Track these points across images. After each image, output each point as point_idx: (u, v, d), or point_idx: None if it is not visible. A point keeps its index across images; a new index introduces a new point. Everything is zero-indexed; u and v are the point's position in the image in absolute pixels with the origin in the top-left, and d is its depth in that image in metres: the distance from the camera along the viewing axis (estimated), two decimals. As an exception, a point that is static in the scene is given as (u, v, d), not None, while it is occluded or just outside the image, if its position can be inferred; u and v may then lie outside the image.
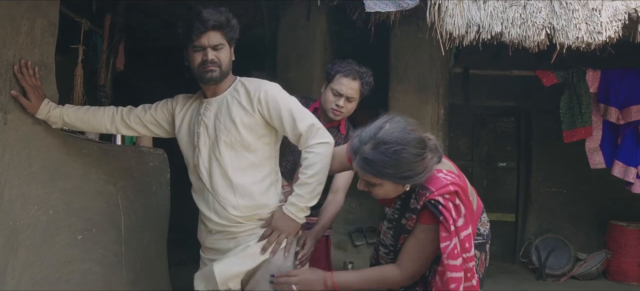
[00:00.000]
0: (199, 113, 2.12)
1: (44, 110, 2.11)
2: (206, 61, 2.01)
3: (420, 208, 1.81)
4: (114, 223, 2.55)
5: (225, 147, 2.04)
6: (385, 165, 1.75)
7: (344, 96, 2.55)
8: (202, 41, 2.01)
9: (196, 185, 2.16)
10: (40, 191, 2.14)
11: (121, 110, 2.22)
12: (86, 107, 2.22)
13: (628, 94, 4.34)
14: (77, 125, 2.20)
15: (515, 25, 3.21)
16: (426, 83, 4.18)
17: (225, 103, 2.09)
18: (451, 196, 1.78)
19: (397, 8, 2.94)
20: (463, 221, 1.76)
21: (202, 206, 2.13)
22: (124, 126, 2.22)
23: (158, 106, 2.23)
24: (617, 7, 3.18)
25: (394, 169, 1.75)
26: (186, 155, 2.18)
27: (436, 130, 4.28)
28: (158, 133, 2.27)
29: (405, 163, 1.75)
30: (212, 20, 1.98)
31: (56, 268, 2.22)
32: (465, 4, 3.22)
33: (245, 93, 2.08)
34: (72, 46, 3.05)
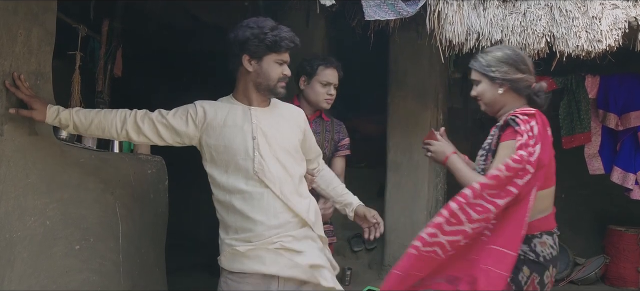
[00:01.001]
0: (250, 121, 2.12)
1: (52, 115, 2.02)
2: (286, 76, 2.15)
3: (503, 125, 2.09)
4: (112, 232, 2.54)
5: (289, 156, 2.15)
6: (484, 60, 2.20)
7: (332, 84, 2.76)
8: (286, 56, 2.13)
9: (251, 193, 2.07)
10: (37, 202, 2.12)
11: (135, 113, 2.12)
12: (96, 109, 2.14)
13: (627, 100, 4.34)
14: (87, 128, 2.09)
15: (515, 33, 3.20)
16: (425, 89, 4.17)
17: (276, 115, 2.19)
18: (529, 117, 2.03)
19: (396, 16, 2.94)
20: (534, 141, 1.98)
21: (257, 213, 2.07)
22: (135, 131, 2.10)
23: (177, 112, 2.14)
24: (617, 15, 3.16)
25: (490, 62, 2.17)
26: (229, 162, 2.10)
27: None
28: (169, 141, 2.16)
29: (505, 61, 2.16)
30: (297, 40, 2.14)
31: (53, 278, 2.20)
32: (465, 11, 3.21)
33: (290, 111, 2.28)
34: (69, 52, 3.03)
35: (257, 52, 2.06)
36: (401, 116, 4.17)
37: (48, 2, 2.17)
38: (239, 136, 2.09)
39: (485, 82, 2.19)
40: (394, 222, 4.20)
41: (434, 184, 4.26)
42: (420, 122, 4.17)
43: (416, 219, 4.14)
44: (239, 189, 2.08)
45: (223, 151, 2.10)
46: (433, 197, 4.24)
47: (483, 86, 2.20)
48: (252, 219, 2.06)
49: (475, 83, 2.24)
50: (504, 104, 2.18)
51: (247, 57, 2.08)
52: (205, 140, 2.13)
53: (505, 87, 2.15)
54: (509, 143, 2.02)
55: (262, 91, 2.13)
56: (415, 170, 4.12)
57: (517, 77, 2.15)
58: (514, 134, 2.01)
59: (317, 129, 2.84)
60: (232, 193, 2.10)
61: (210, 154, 2.13)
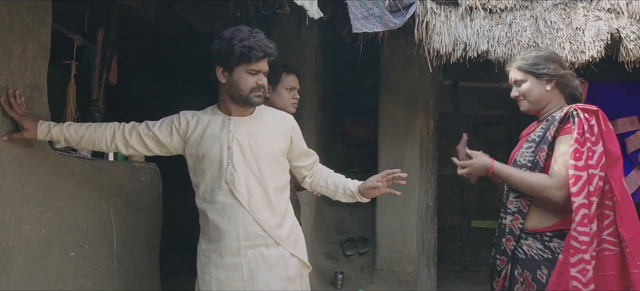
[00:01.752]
0: (227, 130, 2.12)
1: (44, 131, 2.08)
2: (260, 86, 2.10)
3: (563, 116, 2.13)
4: (106, 239, 2.59)
5: (267, 168, 2.11)
6: (530, 58, 2.27)
7: (296, 89, 2.83)
8: (259, 66, 2.08)
9: (223, 204, 2.09)
10: (33, 211, 2.18)
11: (123, 126, 2.17)
12: (87, 123, 2.19)
13: (614, 107, 4.40)
14: (78, 142, 2.15)
15: (500, 44, 3.27)
16: (416, 96, 4.22)
17: (257, 124, 2.16)
18: (590, 114, 2.08)
19: (384, 28, 2.99)
20: (595, 138, 2.04)
21: (227, 224, 2.08)
22: (123, 144, 2.16)
23: (163, 124, 2.19)
24: (600, 27, 3.23)
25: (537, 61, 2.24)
26: (206, 172, 2.13)
27: (426, 141, 4.34)
28: (157, 152, 2.23)
29: (549, 58, 2.25)
30: (271, 49, 2.09)
31: (49, 285, 2.26)
32: (452, 22, 3.27)
33: (275, 118, 2.23)
34: (65, 61, 3.09)
35: (227, 63, 2.07)
36: (392, 122, 4.22)
37: (43, 17, 2.23)
38: (216, 146, 2.11)
39: (531, 80, 2.25)
40: (385, 227, 4.26)
41: (425, 189, 4.31)
42: (411, 128, 4.22)
43: (407, 224, 4.20)
44: (213, 199, 2.11)
45: (201, 161, 2.13)
46: (423, 202, 4.30)
47: (529, 84, 2.26)
48: (222, 230, 2.08)
49: (518, 83, 2.30)
50: (550, 100, 2.26)
51: (221, 69, 2.10)
52: (187, 149, 2.17)
53: (552, 83, 2.23)
54: (566, 137, 2.10)
55: (237, 101, 2.12)
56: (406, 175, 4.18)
57: (563, 73, 2.25)
58: (572, 129, 2.08)
59: None
60: (207, 202, 2.13)
61: (192, 163, 2.18)
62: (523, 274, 2.18)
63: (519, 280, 2.20)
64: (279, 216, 2.14)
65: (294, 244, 2.19)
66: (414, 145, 4.18)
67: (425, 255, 4.35)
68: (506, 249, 2.25)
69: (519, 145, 2.36)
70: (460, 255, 6.37)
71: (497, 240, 2.34)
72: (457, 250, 6.38)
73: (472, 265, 6.23)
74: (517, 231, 2.21)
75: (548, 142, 2.15)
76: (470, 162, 2.27)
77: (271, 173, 2.13)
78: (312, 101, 4.31)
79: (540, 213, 2.17)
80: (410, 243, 4.18)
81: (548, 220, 2.15)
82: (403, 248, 4.19)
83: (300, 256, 2.20)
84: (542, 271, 2.12)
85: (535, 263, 2.14)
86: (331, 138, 5.03)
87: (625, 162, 4.49)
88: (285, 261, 2.13)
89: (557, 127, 2.13)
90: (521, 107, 2.33)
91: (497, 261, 2.32)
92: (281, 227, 2.14)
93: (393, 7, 3.06)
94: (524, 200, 2.20)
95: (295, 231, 2.23)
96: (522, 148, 2.27)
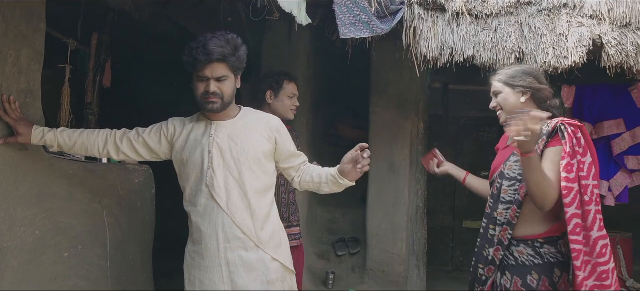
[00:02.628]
0: (209, 134, 2.15)
1: (38, 136, 2.13)
2: (208, 92, 2.07)
3: (551, 131, 2.20)
4: (100, 240, 2.64)
5: (246, 170, 2.11)
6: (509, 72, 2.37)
7: (296, 96, 3.00)
8: (206, 73, 2.05)
9: (205, 206, 2.13)
10: (27, 213, 2.23)
11: (115, 134, 2.23)
12: (80, 130, 2.24)
13: (601, 110, 4.46)
14: (71, 148, 2.20)
15: (486, 49, 3.32)
16: (406, 99, 4.27)
17: (239, 128, 2.16)
18: (575, 129, 2.18)
19: (371, 34, 3.04)
20: (582, 150, 2.15)
21: (207, 226, 2.12)
22: (115, 150, 2.22)
23: (152, 130, 2.25)
24: (582, 33, 3.29)
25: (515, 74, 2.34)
26: (190, 176, 2.17)
27: (416, 143, 4.40)
28: (147, 158, 2.28)
29: (527, 73, 2.34)
30: (216, 53, 2.00)
31: (43, 285, 2.31)
32: (439, 27, 3.33)
33: (259, 121, 2.22)
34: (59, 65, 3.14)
35: (189, 71, 2.11)
36: (383, 125, 4.27)
37: (37, 24, 2.28)
38: (198, 150, 2.15)
39: (507, 91, 2.33)
40: (375, 227, 4.31)
41: (415, 191, 4.37)
42: (401, 130, 4.28)
43: (397, 225, 4.26)
44: (196, 202, 2.15)
45: (186, 165, 2.18)
46: (413, 203, 4.36)
47: (505, 95, 2.34)
48: (203, 232, 2.12)
49: (497, 94, 2.38)
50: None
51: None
52: (174, 155, 2.23)
53: (527, 95, 2.31)
54: (557, 149, 2.17)
55: (201, 109, 2.17)
56: (396, 177, 4.24)
57: (539, 87, 2.32)
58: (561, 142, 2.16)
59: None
60: (192, 205, 2.18)
61: (178, 168, 2.24)
62: (512, 280, 2.24)
63: (506, 286, 2.26)
64: (259, 219, 2.14)
65: (275, 248, 2.19)
66: (404, 147, 4.24)
67: (415, 256, 4.41)
68: (494, 259, 2.30)
69: (501, 158, 2.41)
70: (452, 255, 6.44)
71: (480, 251, 2.39)
72: (449, 250, 6.45)
73: (464, 265, 6.29)
74: (506, 242, 2.27)
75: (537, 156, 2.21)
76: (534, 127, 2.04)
77: (251, 176, 2.13)
78: (305, 104, 4.36)
79: (530, 221, 2.24)
80: (400, 244, 4.24)
81: (539, 228, 2.23)
82: (393, 248, 4.25)
83: (282, 260, 2.20)
84: (532, 276, 2.20)
85: (526, 268, 2.22)
86: (324, 139, 5.09)
87: (611, 164, 4.56)
88: (266, 265, 2.14)
89: (545, 141, 2.20)
90: (500, 119, 2.39)
91: (482, 271, 2.36)
92: (262, 230, 2.14)
93: (380, 13, 3.12)
94: (513, 211, 2.26)
95: (277, 235, 2.22)
96: (510, 162, 2.31)
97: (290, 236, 2.80)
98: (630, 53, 3.22)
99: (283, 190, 2.96)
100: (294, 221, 3.03)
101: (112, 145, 2.22)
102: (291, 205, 3.01)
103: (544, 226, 2.23)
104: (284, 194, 2.97)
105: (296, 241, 2.98)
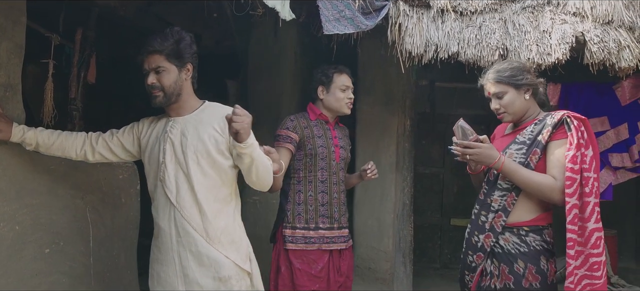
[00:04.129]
0: (165, 130, 2.20)
1: (18, 134, 2.15)
2: (149, 85, 2.14)
3: (557, 122, 2.24)
4: (82, 236, 2.63)
5: (193, 164, 2.11)
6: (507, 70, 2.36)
7: (350, 88, 2.87)
8: (144, 65, 2.14)
9: (159, 201, 2.20)
10: (6, 208, 2.21)
11: (91, 135, 2.29)
12: (59, 131, 2.27)
13: (585, 108, 4.49)
14: (48, 148, 2.23)
15: (470, 45, 3.34)
16: (393, 96, 4.28)
17: (192, 123, 2.17)
18: (580, 122, 2.24)
19: (355, 29, 3.04)
20: (585, 143, 2.20)
21: (162, 221, 2.18)
22: (91, 151, 2.27)
23: (126, 130, 2.31)
24: (565, 30, 3.32)
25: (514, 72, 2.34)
26: (150, 171, 2.24)
27: (403, 140, 4.41)
28: (123, 158, 2.34)
29: (523, 69, 2.37)
30: (151, 44, 2.09)
31: (23, 281, 2.29)
32: (424, 24, 3.34)
33: (215, 114, 2.17)
34: (42, 60, 3.10)
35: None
36: (369, 121, 4.27)
37: (18, 17, 2.26)
38: (155, 147, 2.21)
39: (512, 92, 2.34)
40: (361, 224, 4.32)
41: (401, 188, 4.38)
42: (387, 127, 4.28)
43: (383, 221, 4.27)
44: (154, 197, 2.23)
45: (148, 162, 2.25)
46: (400, 200, 4.37)
47: (510, 96, 2.35)
48: (159, 226, 2.19)
49: (499, 95, 2.37)
50: (528, 108, 2.38)
51: None
52: (142, 153, 2.29)
53: (530, 91, 2.35)
54: (561, 142, 2.22)
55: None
56: (383, 173, 4.23)
57: (537, 82, 2.38)
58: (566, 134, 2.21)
59: (339, 135, 2.96)
60: (152, 200, 2.26)
61: (144, 165, 2.29)
62: (499, 267, 2.28)
63: (495, 274, 2.30)
64: (206, 214, 2.13)
65: (227, 245, 2.16)
66: (391, 143, 4.25)
67: (401, 253, 4.43)
68: (484, 246, 2.34)
69: (499, 146, 2.43)
70: (439, 252, 6.47)
71: (470, 238, 2.43)
72: (436, 248, 6.47)
73: (452, 262, 6.32)
74: (499, 229, 2.30)
75: (541, 146, 2.25)
76: (480, 146, 2.24)
77: (198, 170, 2.12)
78: (292, 100, 4.37)
79: (521, 209, 2.29)
80: (386, 241, 4.25)
81: (526, 215, 2.28)
82: (379, 245, 4.26)
83: (234, 259, 2.16)
84: (518, 264, 2.24)
85: (512, 256, 2.26)
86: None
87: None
88: (217, 262, 2.13)
89: (550, 131, 2.24)
90: (503, 119, 2.41)
91: (471, 258, 2.40)
92: (210, 226, 2.13)
93: (365, 10, 3.12)
94: (511, 198, 2.30)
95: (230, 233, 2.19)
96: (510, 149, 2.34)
97: (339, 238, 2.82)
98: (612, 50, 3.26)
99: (335, 190, 2.87)
100: (344, 222, 2.93)
101: (89, 146, 2.26)
102: (342, 205, 2.91)
103: (531, 215, 2.28)
104: (335, 193, 2.87)
105: (345, 244, 2.91)
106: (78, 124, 3.28)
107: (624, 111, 4.54)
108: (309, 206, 2.80)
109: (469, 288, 2.43)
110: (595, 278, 2.17)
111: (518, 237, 2.27)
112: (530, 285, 2.22)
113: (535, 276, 2.23)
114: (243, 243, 2.25)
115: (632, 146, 4.52)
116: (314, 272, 2.76)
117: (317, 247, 2.80)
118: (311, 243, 2.79)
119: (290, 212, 2.82)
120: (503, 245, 2.29)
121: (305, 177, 2.82)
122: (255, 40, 4.37)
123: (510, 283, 2.25)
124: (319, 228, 2.80)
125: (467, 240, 2.46)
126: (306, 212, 2.80)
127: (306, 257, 2.78)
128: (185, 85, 2.19)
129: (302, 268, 2.76)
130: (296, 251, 2.78)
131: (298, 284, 2.76)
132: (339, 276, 2.87)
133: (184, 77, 2.18)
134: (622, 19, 3.36)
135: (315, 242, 2.80)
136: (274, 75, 4.30)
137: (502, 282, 2.27)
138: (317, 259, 2.79)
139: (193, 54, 2.20)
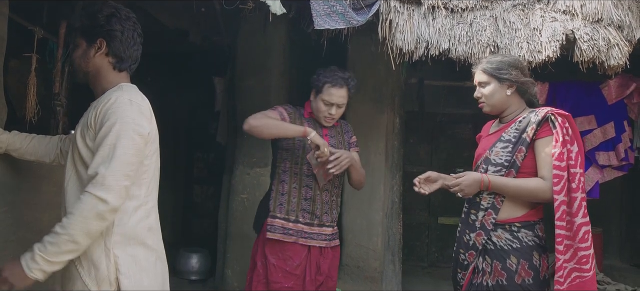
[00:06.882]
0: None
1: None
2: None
3: (541, 119, 2.25)
4: (67, 234, 2.56)
5: (74, 155, 1.84)
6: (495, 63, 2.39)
7: (335, 105, 2.74)
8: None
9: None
10: (-13, 205, 2.15)
11: (63, 138, 2.18)
12: (33, 135, 2.17)
13: (573, 106, 4.53)
14: (22, 153, 2.14)
15: (461, 42, 3.34)
16: (382, 94, 4.27)
17: (91, 109, 1.85)
18: (564, 119, 2.25)
19: (347, 25, 3.02)
20: (570, 139, 2.22)
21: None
22: (62, 156, 2.15)
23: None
24: (555, 28, 3.33)
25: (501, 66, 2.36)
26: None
27: (392, 138, 4.40)
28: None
29: (512, 65, 2.37)
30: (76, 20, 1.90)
31: (5, 280, 2.23)
32: (415, 20, 3.33)
33: (101, 100, 1.81)
34: (25, 54, 3.04)
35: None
36: (358, 119, 4.24)
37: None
38: None
39: (494, 84, 2.38)
40: (350, 223, 4.30)
41: (390, 186, 4.37)
42: (376, 125, 4.27)
43: (372, 220, 4.25)
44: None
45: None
46: (389, 198, 4.35)
47: (492, 87, 2.38)
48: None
49: (482, 85, 2.41)
50: (510, 104, 2.38)
51: None
52: None
53: (513, 88, 2.35)
54: (547, 140, 2.23)
55: None
56: (372, 172, 4.22)
57: (524, 80, 2.37)
58: (551, 131, 2.23)
59: (332, 133, 2.91)
60: None
61: None
62: (492, 264, 2.29)
63: (487, 271, 2.30)
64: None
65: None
66: (380, 141, 4.23)
67: (390, 251, 4.41)
68: (476, 243, 2.34)
69: (486, 144, 2.45)
70: (427, 251, 6.47)
71: (461, 236, 2.43)
72: (424, 246, 6.48)
73: (439, 260, 6.34)
74: (490, 226, 2.31)
75: (526, 143, 2.26)
76: (461, 181, 2.33)
77: (68, 165, 1.87)
78: (280, 96, 4.33)
79: (511, 206, 2.30)
80: (375, 239, 4.24)
81: (517, 211, 2.29)
82: (368, 243, 4.24)
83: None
84: (511, 260, 2.24)
85: (505, 252, 2.26)
86: (300, 134, 5.05)
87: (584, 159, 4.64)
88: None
89: (535, 129, 2.25)
90: (483, 109, 2.45)
91: (463, 256, 2.40)
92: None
93: (356, 5, 3.10)
94: (499, 196, 2.31)
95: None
96: (496, 148, 2.36)
97: (319, 235, 2.78)
98: (602, 48, 3.28)
99: (317, 187, 2.80)
100: (326, 221, 2.83)
101: (61, 151, 2.16)
102: (326, 204, 2.83)
103: (523, 211, 2.29)
104: (319, 191, 2.79)
105: (325, 242, 2.82)
106: (62, 120, 3.21)
107: (611, 110, 4.59)
108: (292, 198, 2.76)
109: (461, 285, 2.42)
110: (584, 271, 2.18)
111: (510, 233, 2.28)
112: (523, 281, 2.23)
113: (528, 271, 2.23)
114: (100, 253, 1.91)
115: (618, 144, 4.58)
116: (288, 268, 2.71)
117: (294, 240, 2.73)
118: (288, 235, 2.73)
119: (272, 200, 2.79)
120: (495, 242, 2.30)
121: (291, 168, 2.78)
122: (244, 36, 4.32)
123: (502, 280, 2.25)
124: (298, 221, 2.75)
125: (458, 238, 2.46)
126: (288, 203, 2.76)
127: (282, 253, 2.72)
128: (94, 63, 1.85)
129: (277, 263, 2.71)
130: (273, 243, 2.73)
131: (272, 280, 2.71)
132: (318, 274, 2.80)
133: (92, 53, 1.84)
134: (611, 18, 3.39)
135: (293, 235, 2.73)
136: (263, 72, 4.26)
137: (494, 279, 2.27)
138: (293, 255, 2.73)
139: (109, 30, 1.85)
